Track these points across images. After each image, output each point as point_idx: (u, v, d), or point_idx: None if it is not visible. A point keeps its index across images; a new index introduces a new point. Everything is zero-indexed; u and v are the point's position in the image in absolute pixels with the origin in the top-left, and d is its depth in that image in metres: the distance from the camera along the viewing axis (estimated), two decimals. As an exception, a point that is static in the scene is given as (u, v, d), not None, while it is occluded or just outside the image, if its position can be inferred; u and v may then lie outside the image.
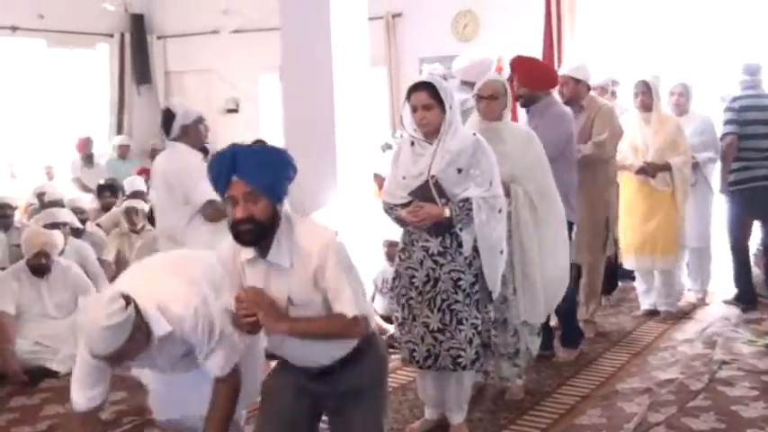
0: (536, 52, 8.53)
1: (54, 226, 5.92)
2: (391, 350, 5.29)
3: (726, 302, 6.17)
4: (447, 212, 3.65)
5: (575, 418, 4.19)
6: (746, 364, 4.88)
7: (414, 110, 3.69)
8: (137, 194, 8.17)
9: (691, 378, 4.66)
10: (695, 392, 4.44)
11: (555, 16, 8.45)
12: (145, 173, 9.79)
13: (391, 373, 4.94)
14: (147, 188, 9.01)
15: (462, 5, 9.10)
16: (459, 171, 3.66)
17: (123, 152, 10.80)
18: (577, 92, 5.24)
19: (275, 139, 10.66)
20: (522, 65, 5.03)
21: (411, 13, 9.41)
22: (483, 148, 3.73)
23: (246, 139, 10.23)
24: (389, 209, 3.85)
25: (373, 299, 5.63)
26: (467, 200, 3.66)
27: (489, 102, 4.22)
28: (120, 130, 11.38)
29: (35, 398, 4.81)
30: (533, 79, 4.87)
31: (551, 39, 8.48)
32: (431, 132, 3.70)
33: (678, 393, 4.45)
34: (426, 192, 3.66)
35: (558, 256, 4.34)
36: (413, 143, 3.77)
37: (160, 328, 2.83)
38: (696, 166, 5.94)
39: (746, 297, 6.07)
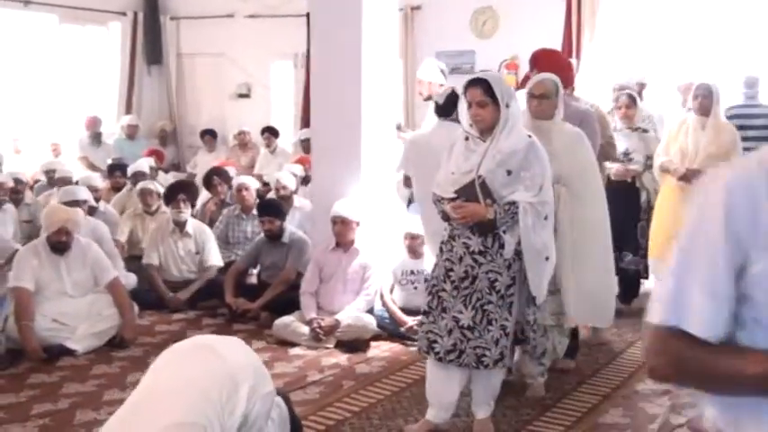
0: (554, 51, 8.57)
1: (73, 204, 5.89)
2: (408, 342, 5.37)
3: None
4: (490, 214, 3.62)
5: (598, 416, 4.21)
6: (764, 370, 4.90)
7: (469, 106, 3.69)
8: (137, 176, 8.02)
9: (710, 382, 4.67)
10: (716, 396, 4.46)
11: (575, 16, 8.47)
12: (155, 154, 9.77)
13: (404, 368, 4.98)
14: (156, 169, 9.01)
15: (483, 1, 9.07)
16: (509, 173, 3.65)
17: (132, 132, 10.78)
18: None
19: (287, 127, 10.72)
20: (548, 57, 5.01)
21: (430, 6, 9.38)
22: (536, 152, 3.71)
23: (257, 125, 10.32)
24: (437, 201, 3.85)
25: (392, 290, 5.62)
26: (513, 203, 3.64)
27: (540, 100, 4.24)
28: (128, 110, 11.32)
29: (54, 375, 4.78)
30: (558, 73, 4.76)
31: (570, 39, 8.51)
32: (485, 129, 3.69)
33: (697, 397, 4.45)
34: (472, 191, 3.64)
35: (602, 262, 4.37)
36: (467, 138, 3.76)
37: None
38: None
39: None
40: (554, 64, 4.83)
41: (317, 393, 4.53)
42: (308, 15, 10.20)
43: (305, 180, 8.20)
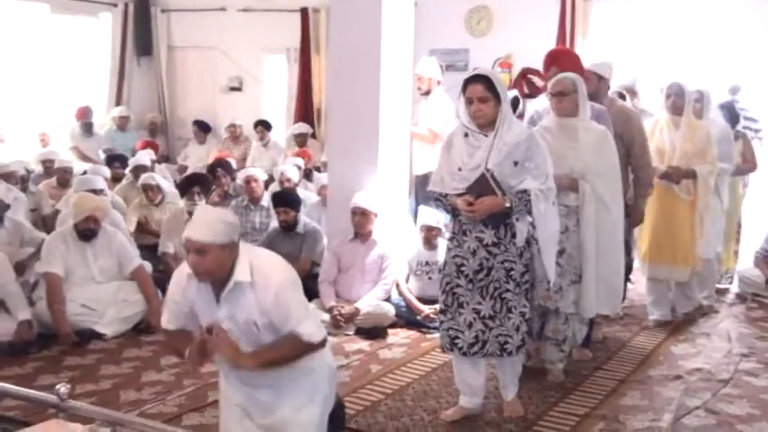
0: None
1: (93, 193, 5.98)
2: (424, 329, 5.58)
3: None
4: (507, 203, 3.77)
5: (618, 399, 4.46)
6: (764, 357, 5.20)
7: (469, 102, 3.78)
8: (139, 169, 8.06)
9: (716, 368, 4.96)
10: (724, 381, 4.74)
11: (569, 17, 8.72)
12: (150, 146, 9.83)
13: (425, 354, 5.17)
14: (153, 161, 9.07)
15: (478, 1, 9.29)
16: (516, 164, 3.78)
17: (123, 123, 10.83)
18: (598, 89, 5.05)
19: (278, 121, 10.83)
20: (566, 54, 5.13)
21: (425, 4, 9.50)
22: (537, 142, 3.88)
23: (248, 118, 10.42)
24: (442, 197, 3.94)
25: (407, 280, 5.82)
26: (525, 191, 3.79)
27: (560, 98, 4.42)
28: (119, 101, 11.34)
29: (88, 358, 4.92)
30: (577, 68, 4.84)
31: (564, 39, 8.76)
32: (486, 124, 3.80)
33: (708, 381, 4.74)
34: (485, 185, 3.76)
35: (617, 256, 4.57)
36: (466, 134, 3.85)
37: (241, 274, 3.04)
38: None
39: None
40: (569, 63, 4.92)
41: (347, 377, 4.71)
42: (302, 10, 10.43)
43: (306, 173, 8.36)
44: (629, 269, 5.92)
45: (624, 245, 5.48)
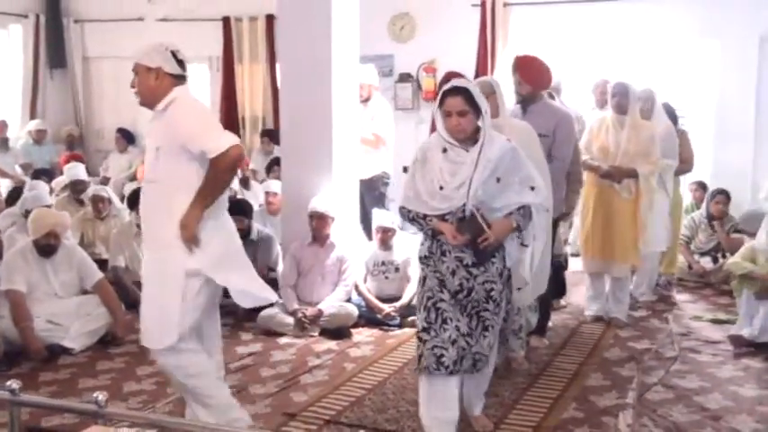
0: (470, 57, 9.18)
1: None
2: (385, 327, 5.79)
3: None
4: (514, 223, 3.69)
5: (583, 380, 4.78)
6: (701, 335, 5.66)
7: (447, 115, 3.62)
8: (77, 184, 7.98)
9: (663, 348, 5.37)
10: (672, 359, 5.15)
11: (489, 23, 9.08)
12: (75, 159, 9.66)
13: (393, 350, 5.38)
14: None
15: (399, 8, 9.55)
16: (498, 180, 3.64)
17: (40, 137, 10.61)
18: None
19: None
20: (528, 63, 5.27)
21: (349, 12, 9.74)
22: (518, 153, 3.72)
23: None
24: (420, 218, 3.74)
25: (365, 280, 6.01)
26: (524, 206, 3.70)
27: None
28: (33, 115, 11.06)
29: (62, 373, 4.90)
30: (538, 78, 5.07)
31: (486, 44, 9.12)
32: (465, 139, 3.65)
33: (658, 360, 5.14)
34: (474, 224, 3.61)
35: (547, 245, 4.64)
36: (445, 150, 3.66)
37: (161, 104, 3.57)
38: None
39: None
40: (533, 68, 5.15)
41: (325, 376, 4.87)
42: (224, 20, 10.45)
43: (243, 181, 8.41)
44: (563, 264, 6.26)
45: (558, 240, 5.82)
